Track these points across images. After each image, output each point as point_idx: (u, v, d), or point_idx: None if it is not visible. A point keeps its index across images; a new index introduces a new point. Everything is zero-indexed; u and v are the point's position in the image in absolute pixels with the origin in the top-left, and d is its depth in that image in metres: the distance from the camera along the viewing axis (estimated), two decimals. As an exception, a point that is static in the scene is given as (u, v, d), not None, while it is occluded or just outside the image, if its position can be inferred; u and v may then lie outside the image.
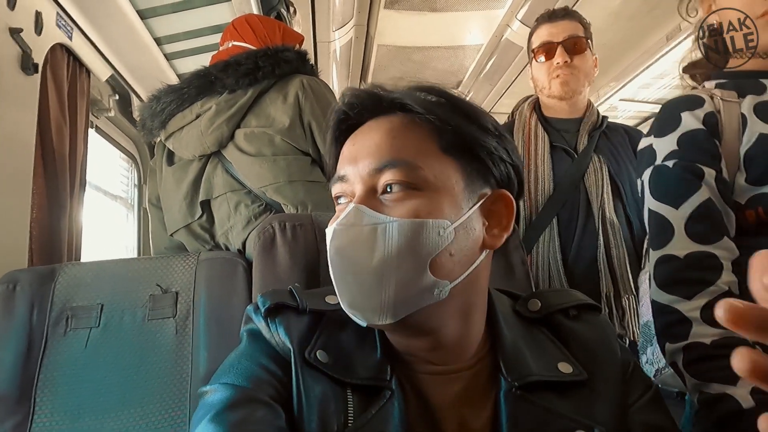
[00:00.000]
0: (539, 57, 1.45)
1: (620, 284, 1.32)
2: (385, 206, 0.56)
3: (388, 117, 0.62)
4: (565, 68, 1.41)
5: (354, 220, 0.55)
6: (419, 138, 0.59)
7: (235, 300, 1.08)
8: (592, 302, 0.69)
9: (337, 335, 0.61)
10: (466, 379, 0.60)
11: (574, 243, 1.35)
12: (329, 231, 0.58)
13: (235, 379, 0.56)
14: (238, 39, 1.44)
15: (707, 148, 0.85)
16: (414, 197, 0.56)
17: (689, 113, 0.88)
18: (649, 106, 3.23)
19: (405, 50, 3.13)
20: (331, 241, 0.57)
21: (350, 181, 0.59)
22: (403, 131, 0.60)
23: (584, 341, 0.63)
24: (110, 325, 1.04)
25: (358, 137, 0.62)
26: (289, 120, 1.27)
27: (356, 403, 0.55)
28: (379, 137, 0.60)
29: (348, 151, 0.62)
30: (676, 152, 0.86)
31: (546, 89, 1.46)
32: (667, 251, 0.83)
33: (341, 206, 0.61)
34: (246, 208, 1.28)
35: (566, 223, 1.36)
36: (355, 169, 0.59)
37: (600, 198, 1.36)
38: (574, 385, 0.59)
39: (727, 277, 0.78)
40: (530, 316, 0.67)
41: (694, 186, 0.83)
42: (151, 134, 1.36)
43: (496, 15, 2.70)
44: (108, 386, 0.99)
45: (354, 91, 0.64)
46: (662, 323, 0.83)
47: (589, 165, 1.39)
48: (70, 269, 1.10)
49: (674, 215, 0.83)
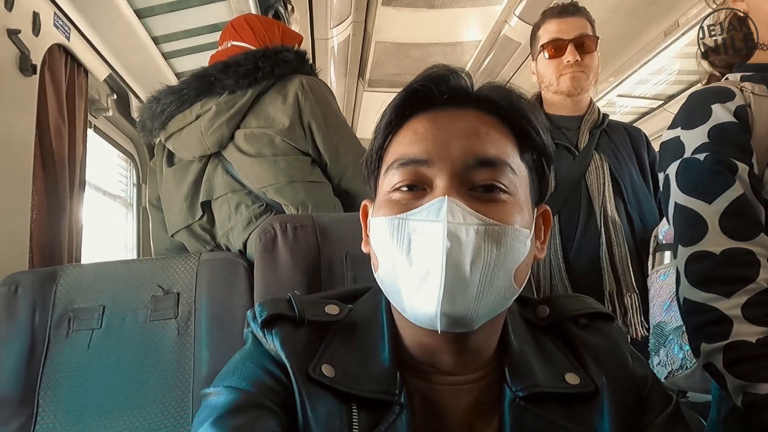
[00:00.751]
0: (549, 53, 1.43)
1: (623, 282, 1.32)
2: (480, 206, 0.52)
3: (471, 108, 0.57)
4: (575, 66, 1.39)
5: (459, 219, 0.51)
6: (507, 140, 0.57)
7: (237, 300, 1.08)
8: (604, 311, 0.66)
9: (344, 347, 0.59)
10: (476, 389, 0.58)
11: (575, 241, 1.35)
12: (427, 227, 0.51)
13: (239, 382, 0.55)
14: (237, 39, 1.44)
15: (740, 142, 0.82)
16: (508, 202, 0.54)
17: (720, 105, 0.84)
18: (647, 102, 3.23)
19: (403, 47, 3.13)
20: (434, 240, 0.51)
21: (434, 166, 0.54)
22: (493, 126, 0.56)
23: (594, 351, 0.61)
24: (112, 327, 1.04)
25: (439, 119, 0.56)
26: (289, 120, 1.26)
27: (362, 417, 0.53)
28: (473, 127, 0.55)
29: (428, 132, 0.55)
30: (707, 145, 0.82)
31: (553, 85, 1.44)
32: (700, 248, 0.79)
33: (410, 195, 0.55)
34: (247, 209, 1.28)
35: (567, 221, 1.36)
36: (443, 153, 0.54)
37: (602, 196, 1.35)
38: (581, 397, 0.57)
39: (766, 275, 0.76)
40: (539, 322, 0.65)
41: (728, 180, 0.80)
42: (151, 135, 1.36)
43: (494, 11, 2.69)
44: (110, 388, 1.00)
45: (444, 68, 0.59)
46: (697, 322, 0.80)
47: (591, 163, 1.39)
48: (72, 271, 1.10)
49: (707, 210, 0.80)
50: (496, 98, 0.57)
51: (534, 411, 0.56)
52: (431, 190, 0.54)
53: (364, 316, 0.63)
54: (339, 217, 1.05)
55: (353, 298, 0.66)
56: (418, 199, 0.54)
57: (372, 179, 0.62)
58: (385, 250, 0.55)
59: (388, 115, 0.59)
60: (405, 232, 0.53)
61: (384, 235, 0.55)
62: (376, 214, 0.58)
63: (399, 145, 0.57)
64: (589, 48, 1.40)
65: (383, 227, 0.55)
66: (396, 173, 0.56)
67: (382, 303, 0.62)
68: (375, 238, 0.58)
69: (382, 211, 0.56)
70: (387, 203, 0.56)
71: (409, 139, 0.56)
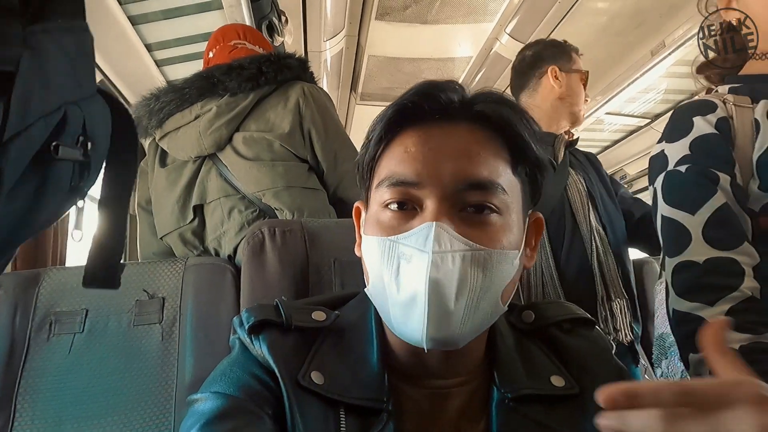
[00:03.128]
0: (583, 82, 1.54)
1: (611, 289, 1.35)
2: (468, 228, 0.53)
3: (463, 124, 0.57)
4: None
5: (446, 246, 0.51)
6: (497, 155, 0.56)
7: (223, 306, 1.07)
8: (586, 316, 0.68)
9: (333, 353, 0.59)
10: (465, 393, 0.59)
11: (564, 250, 1.38)
12: (414, 255, 0.52)
13: (227, 388, 0.55)
14: (252, 42, 1.45)
15: (721, 153, 0.83)
16: (498, 224, 0.54)
17: (701, 118, 0.86)
18: (635, 120, 3.29)
19: (395, 61, 3.16)
20: (418, 269, 0.51)
21: (425, 188, 0.54)
22: (485, 145, 0.56)
23: (577, 355, 0.63)
24: (95, 331, 1.03)
25: (431, 138, 0.56)
26: (289, 126, 1.27)
27: (350, 423, 0.53)
28: (464, 146, 0.55)
29: (418, 152, 0.55)
30: (688, 157, 0.84)
31: (578, 111, 1.53)
32: (685, 257, 0.80)
33: (400, 215, 0.55)
34: (239, 214, 1.27)
35: (555, 231, 1.40)
36: (434, 176, 0.53)
37: (584, 208, 1.41)
38: (566, 399, 0.59)
39: (749, 283, 0.76)
40: (524, 327, 0.66)
41: (710, 191, 0.80)
42: (145, 133, 1.36)
43: (485, 28, 2.74)
44: (91, 393, 0.97)
45: (432, 83, 0.58)
46: (684, 332, 0.79)
47: (569, 177, 1.44)
48: (55, 274, 1.08)
49: (690, 221, 0.81)
50: (489, 113, 0.57)
51: (521, 412, 0.56)
52: (421, 211, 0.54)
53: (351, 322, 0.63)
54: (328, 223, 1.05)
55: (339, 305, 0.67)
56: (408, 219, 0.54)
57: (364, 188, 0.62)
58: (375, 269, 0.56)
59: (379, 130, 0.58)
60: (395, 255, 0.53)
61: (375, 254, 0.55)
62: (368, 230, 0.58)
63: (390, 161, 0.57)
64: None
65: (374, 247, 0.55)
66: (386, 191, 0.56)
67: (371, 310, 0.62)
68: (367, 256, 0.58)
69: (374, 229, 0.57)
70: (377, 222, 0.56)
71: (400, 157, 0.56)
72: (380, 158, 0.59)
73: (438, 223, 0.51)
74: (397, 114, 0.57)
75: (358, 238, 0.64)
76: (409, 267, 0.52)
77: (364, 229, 0.60)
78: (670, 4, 2.26)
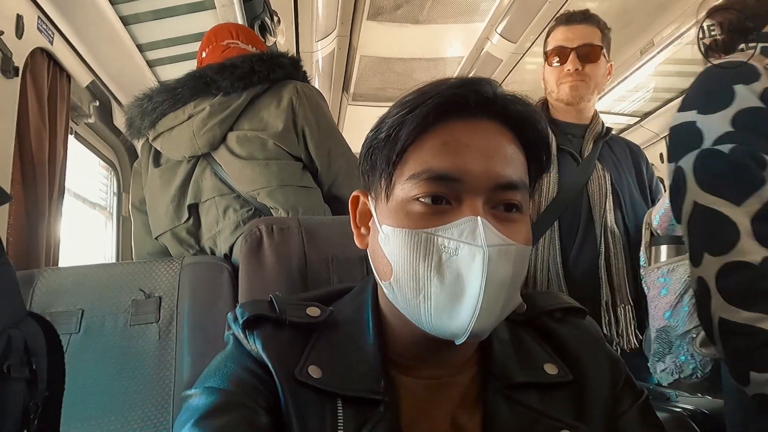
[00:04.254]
0: (553, 60, 1.44)
1: (617, 294, 1.33)
2: (503, 226, 0.54)
3: (495, 122, 0.57)
4: (575, 75, 1.40)
5: (492, 241, 0.51)
6: (522, 159, 0.58)
7: (220, 305, 1.07)
8: (577, 305, 0.68)
9: (329, 347, 0.59)
10: (460, 383, 0.60)
11: (574, 248, 1.35)
12: (464, 248, 0.51)
13: (221, 382, 0.55)
14: (245, 42, 1.45)
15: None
16: (522, 222, 0.56)
17: (744, 87, 0.73)
18: (625, 119, 3.32)
19: (387, 61, 3.17)
20: (472, 263, 0.51)
21: (464, 184, 0.53)
22: (515, 146, 0.57)
23: (569, 343, 0.64)
24: (91, 331, 1.02)
25: (468, 133, 0.55)
26: (283, 124, 1.27)
27: (347, 415, 0.54)
28: (499, 145, 0.56)
29: (459, 146, 0.54)
30: (732, 135, 0.72)
31: (554, 92, 1.45)
32: (734, 257, 0.69)
33: (434, 209, 0.54)
34: (235, 213, 1.27)
35: (567, 227, 1.36)
36: (473, 172, 0.53)
37: (602, 206, 1.36)
38: (560, 386, 0.60)
39: None
40: (516, 318, 0.66)
41: (758, 177, 0.69)
42: (138, 133, 1.35)
43: (476, 28, 2.75)
44: (89, 393, 0.97)
45: (474, 78, 0.58)
46: (740, 346, 0.69)
47: (593, 172, 1.40)
48: (50, 275, 1.08)
49: (736, 213, 0.69)
50: (526, 116, 0.57)
51: (515, 400, 0.57)
52: (456, 205, 0.54)
53: (347, 316, 0.63)
54: (325, 220, 1.05)
55: (333, 299, 0.67)
56: (443, 213, 0.54)
57: (381, 180, 0.58)
58: (404, 262, 0.54)
59: (414, 121, 0.55)
60: (433, 248, 0.53)
61: (404, 247, 0.54)
62: (389, 221, 0.56)
63: (425, 155, 0.55)
64: (592, 57, 1.40)
65: (403, 239, 0.54)
66: (421, 185, 0.54)
67: (368, 302, 0.63)
68: (389, 248, 0.56)
69: (400, 221, 0.55)
70: (405, 213, 0.55)
71: (437, 149, 0.55)
72: (410, 149, 0.56)
73: (483, 219, 0.52)
74: (438, 106, 0.55)
75: (359, 227, 0.64)
76: (455, 260, 0.52)
77: (380, 218, 0.59)
78: (658, 4, 2.29)
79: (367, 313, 0.62)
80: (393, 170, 0.57)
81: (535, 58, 2.82)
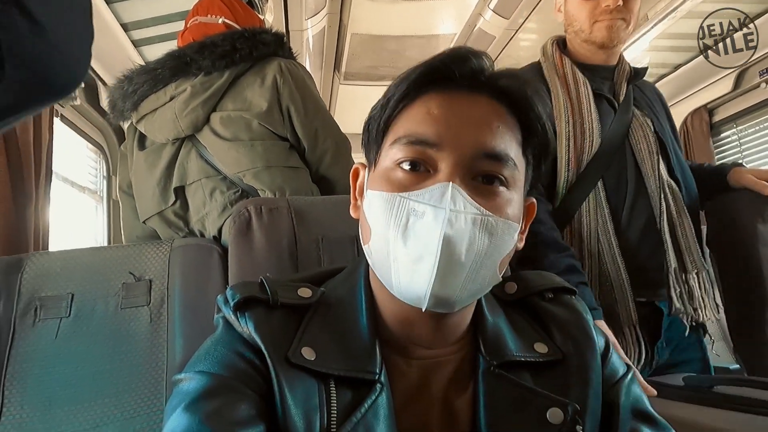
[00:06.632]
0: None
1: (687, 258, 1.13)
2: (477, 196, 0.54)
3: (486, 96, 0.57)
4: (615, 13, 1.15)
5: (460, 207, 0.52)
6: (513, 132, 0.58)
7: (211, 287, 1.07)
8: (567, 285, 0.69)
9: (322, 328, 0.59)
10: (452, 362, 0.60)
11: (625, 210, 1.16)
12: (428, 211, 0.52)
13: (211, 366, 0.54)
14: (229, 17, 1.39)
15: None
16: (505, 196, 0.56)
17: None
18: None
19: (379, 39, 3.11)
20: (433, 224, 0.52)
21: (443, 151, 0.54)
22: (504, 119, 0.57)
23: (559, 323, 0.64)
24: (81, 315, 1.02)
25: (454, 103, 0.56)
26: (267, 104, 1.24)
27: (341, 395, 0.54)
28: (486, 117, 0.56)
29: (441, 114, 0.56)
30: None
31: (585, 32, 1.21)
32: None
33: (412, 175, 0.55)
34: (221, 195, 1.25)
35: (614, 186, 1.16)
36: (453, 140, 0.54)
37: (652, 158, 1.17)
38: (550, 365, 0.60)
39: None
40: (507, 298, 0.67)
41: None
42: (122, 116, 1.32)
43: (469, 4, 2.71)
44: (80, 377, 0.97)
45: (465, 48, 0.58)
46: None
47: (633, 119, 1.20)
48: (39, 259, 1.07)
49: None
50: (514, 90, 0.58)
51: (508, 378, 0.58)
52: (434, 173, 0.55)
53: (339, 296, 0.63)
54: (315, 200, 1.04)
55: (324, 280, 0.67)
56: (421, 180, 0.55)
57: (373, 148, 0.61)
58: (379, 224, 0.56)
59: (402, 89, 0.58)
60: (403, 211, 0.54)
61: (380, 210, 0.55)
62: (374, 186, 0.58)
63: (410, 122, 0.57)
64: None
65: (381, 202, 0.56)
66: (402, 149, 0.56)
67: (360, 282, 0.63)
68: (370, 211, 0.58)
69: (382, 185, 0.57)
70: (387, 179, 0.57)
71: (421, 117, 0.56)
72: (398, 118, 0.59)
73: (453, 184, 0.53)
74: (424, 75, 0.57)
75: (357, 198, 0.65)
76: (420, 222, 0.53)
77: (368, 185, 0.61)
78: (653, -23, 2.26)
79: (359, 293, 0.62)
80: (381, 138, 0.59)
81: (528, 34, 2.78)
